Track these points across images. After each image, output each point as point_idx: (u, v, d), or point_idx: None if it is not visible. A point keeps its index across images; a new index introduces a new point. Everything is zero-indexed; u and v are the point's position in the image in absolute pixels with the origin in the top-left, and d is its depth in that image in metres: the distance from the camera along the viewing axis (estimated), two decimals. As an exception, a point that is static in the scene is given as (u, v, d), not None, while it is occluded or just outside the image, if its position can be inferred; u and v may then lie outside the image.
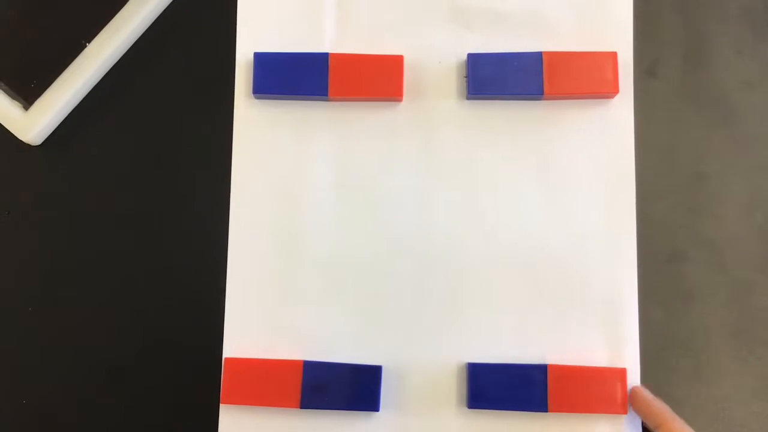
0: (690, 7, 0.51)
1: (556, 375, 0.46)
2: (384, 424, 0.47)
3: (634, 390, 0.46)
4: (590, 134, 0.49)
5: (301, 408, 0.46)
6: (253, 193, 0.48)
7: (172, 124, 0.49)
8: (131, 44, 0.49)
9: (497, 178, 0.49)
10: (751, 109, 0.49)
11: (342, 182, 0.49)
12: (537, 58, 0.49)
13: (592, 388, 0.46)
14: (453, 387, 0.47)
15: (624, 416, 0.46)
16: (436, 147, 0.49)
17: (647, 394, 0.46)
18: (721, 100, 0.50)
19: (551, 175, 0.49)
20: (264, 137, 0.49)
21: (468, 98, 0.49)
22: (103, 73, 0.49)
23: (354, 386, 0.46)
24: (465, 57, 0.49)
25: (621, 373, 0.46)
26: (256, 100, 0.49)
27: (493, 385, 0.46)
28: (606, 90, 0.49)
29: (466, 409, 0.47)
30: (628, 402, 0.46)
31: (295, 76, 0.48)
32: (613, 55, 0.49)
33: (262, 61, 0.49)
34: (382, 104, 0.49)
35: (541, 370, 0.46)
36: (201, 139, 0.49)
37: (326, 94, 0.48)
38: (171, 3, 0.50)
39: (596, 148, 0.49)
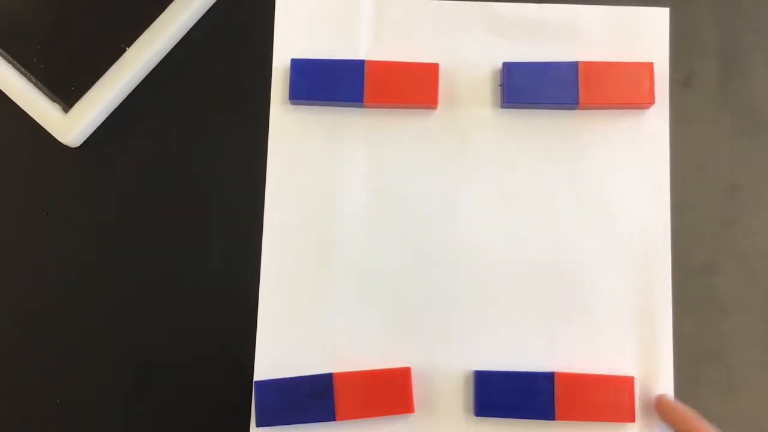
0: (726, 18, 0.50)
1: (563, 383, 0.46)
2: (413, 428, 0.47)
3: (660, 398, 0.46)
4: (625, 145, 0.49)
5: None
6: (287, 198, 0.49)
7: (209, 129, 0.49)
8: (169, 49, 0.50)
9: (530, 187, 0.49)
10: (788, 121, 0.49)
11: (375, 189, 0.49)
12: (572, 67, 0.49)
13: (599, 396, 0.46)
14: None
15: (631, 424, 0.46)
16: (470, 155, 0.49)
17: (673, 401, 0.45)
18: (757, 112, 0.49)
19: (585, 185, 0.49)
20: (299, 143, 0.49)
21: (502, 107, 0.50)
22: (142, 78, 0.50)
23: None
24: (500, 65, 0.50)
25: (628, 382, 0.46)
26: (292, 106, 0.50)
27: (501, 393, 0.46)
28: (642, 101, 0.49)
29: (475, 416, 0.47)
30: (655, 409, 0.46)
31: (331, 83, 0.49)
32: (649, 66, 0.49)
33: (299, 67, 0.49)
34: (417, 111, 0.50)
35: (548, 377, 0.46)
36: (237, 144, 0.49)
37: (361, 101, 0.49)
38: (209, 9, 0.50)
39: (631, 159, 0.49)
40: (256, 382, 0.46)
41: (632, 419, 0.46)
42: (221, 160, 0.49)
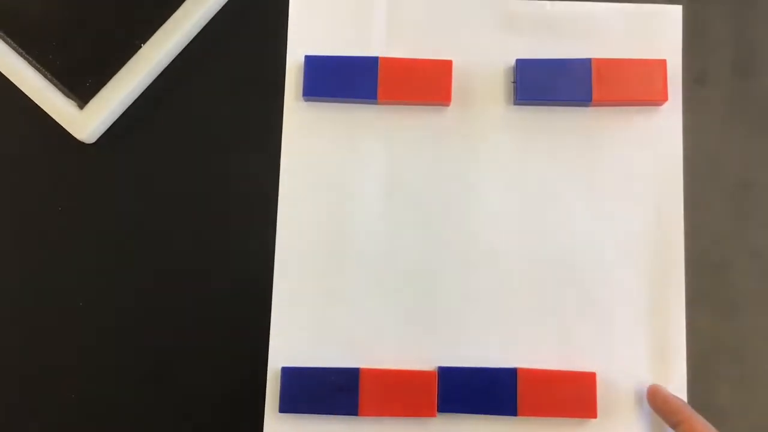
0: (739, 16, 0.50)
1: (526, 379, 0.46)
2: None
3: (652, 388, 0.46)
4: (638, 141, 0.49)
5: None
6: (301, 195, 0.49)
7: (223, 126, 0.50)
8: (184, 46, 0.50)
9: (544, 184, 0.49)
10: (801, 118, 0.49)
11: (390, 185, 0.49)
12: (586, 64, 0.49)
13: (562, 392, 0.46)
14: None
15: (593, 420, 0.46)
16: (483, 151, 0.49)
17: (665, 392, 0.45)
18: (770, 110, 0.50)
19: (598, 181, 0.49)
20: (313, 140, 0.50)
21: (515, 104, 0.50)
22: (156, 74, 0.50)
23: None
24: (513, 62, 0.50)
25: (590, 378, 0.46)
26: (306, 103, 0.50)
27: (462, 389, 0.46)
28: (655, 98, 0.49)
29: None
30: (647, 399, 0.46)
31: (345, 80, 0.49)
32: (662, 63, 0.49)
33: (313, 64, 0.49)
34: (430, 108, 0.50)
35: (511, 374, 0.46)
36: (252, 140, 0.50)
37: (375, 98, 0.49)
38: (223, 6, 0.51)
39: (644, 156, 0.49)
40: (283, 368, 0.47)
41: (594, 415, 0.46)
42: (236, 157, 0.49)
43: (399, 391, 0.46)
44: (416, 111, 0.50)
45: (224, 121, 0.50)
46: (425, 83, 0.49)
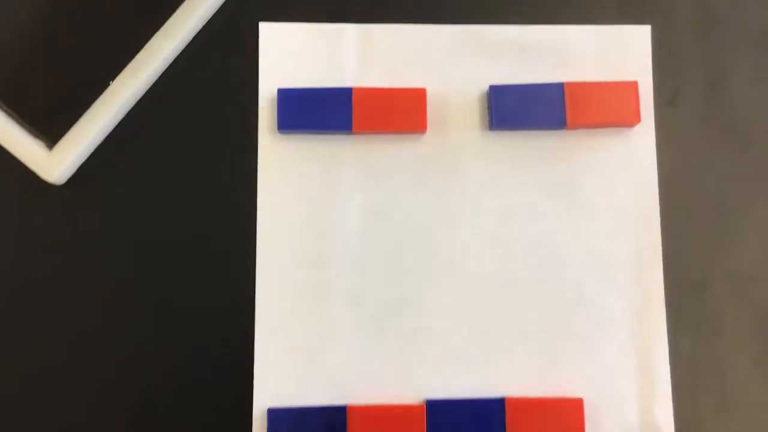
0: (708, 35, 0.51)
1: (514, 407, 0.46)
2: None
3: None
4: (614, 163, 0.50)
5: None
6: (280, 230, 0.48)
7: (196, 162, 0.49)
8: (153, 81, 0.49)
9: (522, 208, 0.49)
10: (772, 135, 0.50)
11: (369, 215, 0.49)
12: (559, 89, 0.49)
13: (550, 418, 0.46)
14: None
15: None
16: (461, 178, 0.49)
17: None
18: (742, 128, 0.50)
19: (576, 204, 0.49)
20: (289, 173, 0.49)
21: (491, 129, 0.50)
22: (127, 111, 0.49)
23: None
24: (487, 88, 0.50)
25: (577, 404, 0.46)
26: (280, 136, 0.49)
27: (451, 422, 0.46)
28: (628, 120, 0.49)
29: None
30: None
31: (319, 112, 0.49)
32: (633, 85, 0.49)
33: (286, 97, 0.49)
34: (406, 137, 0.50)
35: (499, 404, 0.46)
36: (226, 175, 0.49)
37: (351, 128, 0.48)
38: (192, 40, 0.50)
39: (620, 178, 0.49)
40: (269, 409, 0.46)
41: None
42: (210, 193, 0.49)
43: (388, 428, 0.46)
44: (392, 140, 0.50)
45: (197, 157, 0.49)
46: (400, 112, 0.49)
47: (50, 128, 0.48)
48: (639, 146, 0.50)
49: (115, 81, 0.48)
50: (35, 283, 0.48)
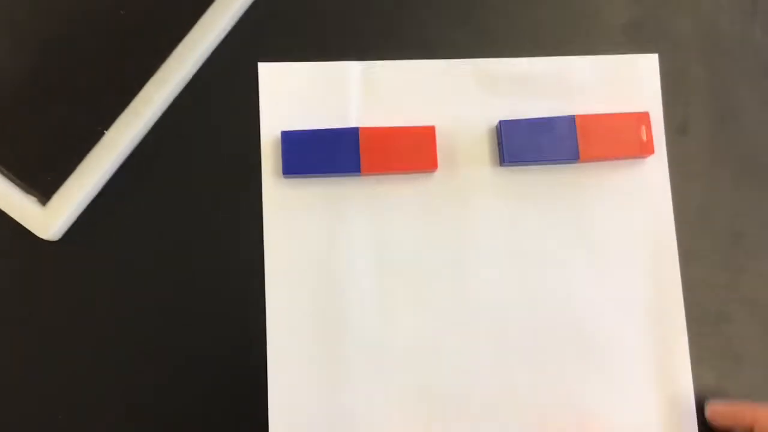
0: (715, 62, 0.50)
1: None
2: None
3: (711, 409, 0.45)
4: (627, 195, 0.49)
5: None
6: (288, 277, 0.46)
7: (198, 211, 0.47)
8: (149, 129, 0.47)
9: (537, 245, 0.48)
10: (783, 161, 0.50)
11: (379, 259, 0.47)
12: (570, 122, 0.48)
13: None
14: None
15: None
16: (473, 216, 0.48)
17: (724, 408, 0.45)
18: (753, 156, 0.49)
19: (592, 238, 0.48)
20: (296, 218, 0.47)
21: (502, 165, 0.48)
22: (122, 161, 0.47)
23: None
24: (495, 123, 0.48)
25: None
26: (285, 180, 0.47)
27: None
28: (641, 151, 0.48)
29: None
30: (709, 420, 0.45)
31: (325, 154, 0.47)
32: (645, 116, 0.48)
33: (290, 139, 0.47)
34: (417, 176, 0.48)
35: None
36: (230, 224, 0.47)
37: (358, 170, 0.47)
38: (188, 84, 0.48)
39: (635, 210, 0.48)
40: None
41: None
42: (214, 244, 0.47)
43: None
44: (402, 179, 0.48)
45: (199, 205, 0.47)
46: (409, 151, 0.47)
47: (43, 183, 0.46)
48: (653, 178, 0.49)
49: (109, 130, 0.46)
50: (33, 343, 0.45)
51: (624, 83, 0.50)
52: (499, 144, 0.48)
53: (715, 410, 0.45)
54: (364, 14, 0.49)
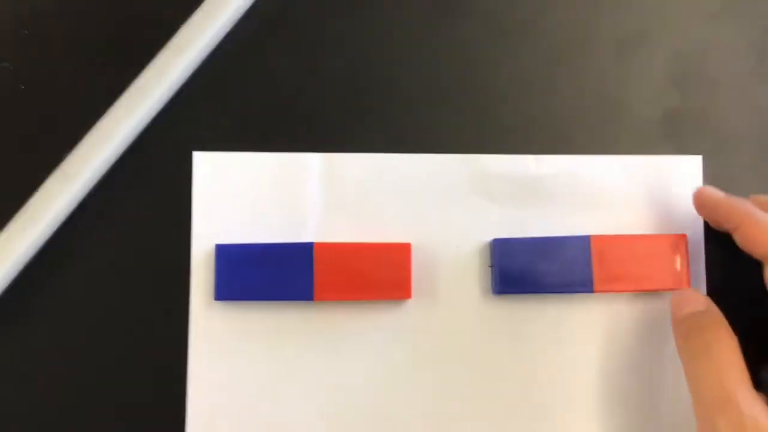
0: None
1: None
2: None
3: (698, 192, 0.37)
4: (656, 336, 0.38)
5: None
6: (216, 424, 0.37)
7: (112, 344, 0.37)
8: (53, 232, 0.38)
9: (535, 396, 0.38)
10: None
11: (334, 404, 0.37)
12: (583, 243, 0.37)
13: None
14: None
15: None
16: (455, 358, 0.38)
17: (715, 196, 0.37)
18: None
19: (604, 392, 0.38)
20: (228, 350, 0.37)
21: (494, 294, 0.38)
22: (18, 271, 0.37)
23: None
24: (488, 239, 0.38)
25: None
26: (219, 304, 0.38)
27: None
28: (674, 284, 0.38)
29: None
30: (694, 205, 0.38)
31: (271, 275, 0.37)
32: (681, 239, 0.38)
33: (226, 255, 0.37)
34: (385, 305, 0.38)
35: None
36: (150, 358, 0.37)
37: (311, 296, 0.37)
38: (102, 180, 0.38)
39: (666, 352, 0.38)
40: None
41: None
42: (130, 383, 0.37)
43: None
44: (366, 309, 0.38)
45: (115, 335, 0.37)
46: (377, 273, 0.37)
47: None
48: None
49: (8, 229, 0.37)
50: None
51: (657, 192, 0.39)
52: (492, 266, 0.38)
53: (706, 197, 0.37)
54: (330, 97, 0.39)
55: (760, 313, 0.37)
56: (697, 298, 0.36)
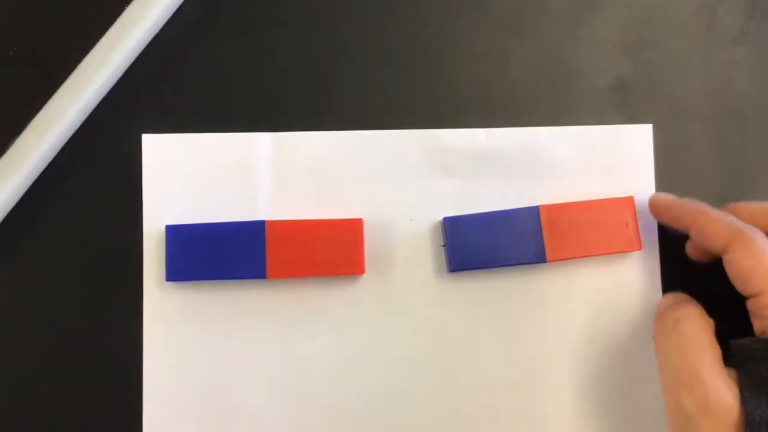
0: (725, 136, 0.40)
1: None
2: None
3: (652, 199, 0.38)
4: (611, 299, 0.39)
5: None
6: (172, 405, 0.37)
7: (64, 325, 0.37)
8: (4, 216, 0.38)
9: (492, 371, 0.38)
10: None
11: (288, 383, 0.37)
12: (533, 214, 0.38)
13: None
14: None
15: None
16: (409, 334, 0.38)
17: (667, 199, 0.37)
18: None
19: (561, 359, 0.38)
20: (183, 332, 0.37)
21: (449, 272, 0.38)
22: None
23: None
24: (442, 214, 0.38)
25: None
26: (170, 285, 0.38)
27: None
28: (625, 247, 0.38)
29: None
30: (650, 211, 0.38)
31: (222, 254, 0.37)
32: (629, 201, 0.38)
33: (177, 236, 0.37)
34: (338, 281, 0.38)
35: None
36: (103, 338, 0.37)
37: (264, 275, 0.37)
38: (52, 163, 0.38)
39: (620, 317, 0.38)
40: None
41: None
42: (84, 364, 0.37)
43: None
44: (319, 286, 0.38)
45: (66, 323, 0.37)
46: (329, 249, 0.37)
47: None
48: (639, 279, 0.39)
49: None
50: None
51: (608, 161, 0.39)
52: (444, 245, 0.38)
53: (658, 201, 0.38)
54: (279, 76, 0.39)
55: (715, 277, 0.38)
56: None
